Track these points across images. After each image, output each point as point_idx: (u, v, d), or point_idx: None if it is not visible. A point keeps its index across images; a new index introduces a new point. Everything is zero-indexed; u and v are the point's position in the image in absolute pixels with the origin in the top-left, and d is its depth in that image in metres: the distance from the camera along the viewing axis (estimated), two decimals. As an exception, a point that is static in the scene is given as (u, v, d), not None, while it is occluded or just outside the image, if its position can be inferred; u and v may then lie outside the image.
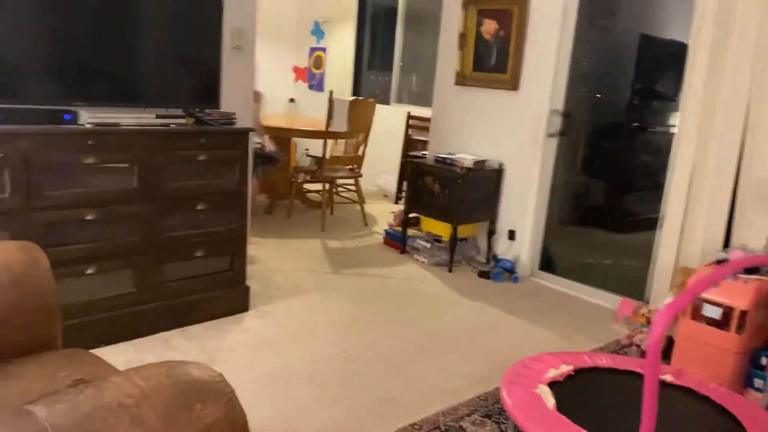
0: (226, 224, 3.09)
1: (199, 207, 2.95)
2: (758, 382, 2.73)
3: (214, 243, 3.05)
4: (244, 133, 3.10)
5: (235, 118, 3.11)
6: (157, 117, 2.86)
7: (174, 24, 2.95)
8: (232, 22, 3.29)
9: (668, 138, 3.73)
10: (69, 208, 2.55)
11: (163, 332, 2.94)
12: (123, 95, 2.85)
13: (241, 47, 3.44)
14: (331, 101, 5.02)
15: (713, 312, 2.82)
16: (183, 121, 2.96)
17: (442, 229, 4.39)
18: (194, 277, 3.03)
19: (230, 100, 3.24)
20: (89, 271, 2.65)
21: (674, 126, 3.68)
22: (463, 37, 4.54)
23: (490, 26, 4.38)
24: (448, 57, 4.69)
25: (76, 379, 1.47)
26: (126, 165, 2.70)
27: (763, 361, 2.73)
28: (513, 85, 4.25)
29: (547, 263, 4.34)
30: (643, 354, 3.15)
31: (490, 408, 2.53)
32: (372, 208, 5.84)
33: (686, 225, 3.45)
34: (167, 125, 2.85)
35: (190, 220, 2.94)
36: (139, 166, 2.72)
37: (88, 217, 2.61)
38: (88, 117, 2.62)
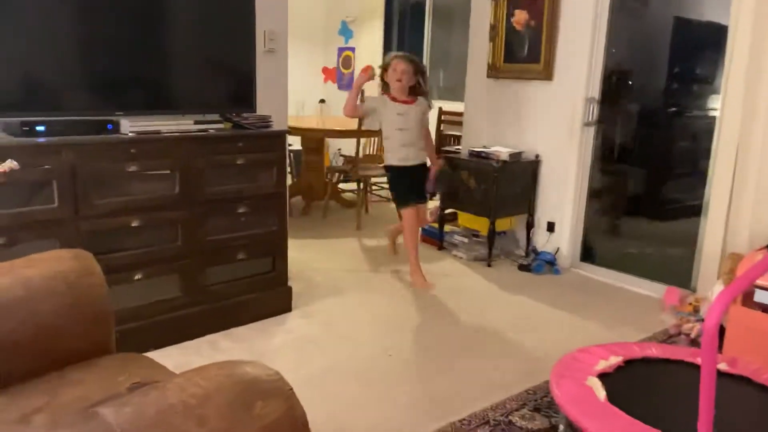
0: (266, 226, 3.11)
1: (240, 210, 2.99)
2: (816, 369, 2.65)
3: (255, 245, 3.08)
4: (281, 135, 3.12)
5: (271, 121, 3.14)
6: (195, 123, 2.90)
7: (208, 30, 2.98)
8: (265, 25, 3.31)
9: (708, 122, 3.64)
10: (115, 215, 2.61)
11: (210, 335, 2.98)
12: (161, 103, 2.90)
13: (274, 50, 3.47)
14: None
15: (766, 297, 2.74)
16: (220, 125, 2.99)
17: (479, 223, 4.36)
18: (238, 279, 3.07)
19: (265, 103, 3.26)
20: (137, 277, 2.70)
21: (714, 109, 3.59)
22: (493, 29, 4.50)
23: (520, 16, 4.33)
24: (479, 50, 4.66)
25: (134, 383, 1.51)
26: (168, 171, 2.75)
27: (821, 346, 2.65)
28: (547, 74, 4.20)
29: (588, 254, 4.28)
30: (692, 343, 3.09)
31: (539, 402, 2.51)
32: (407, 205, 5.82)
33: (732, 210, 3.37)
34: (205, 130, 2.88)
35: (231, 224, 2.97)
36: (180, 172, 2.76)
37: (134, 224, 2.66)
38: (129, 125, 2.66)
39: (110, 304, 1.76)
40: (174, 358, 2.72)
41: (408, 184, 3.77)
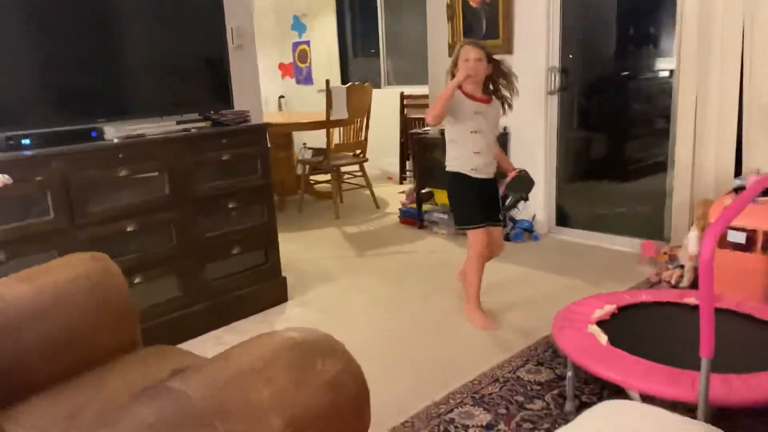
0: (256, 219, 3.16)
1: (230, 205, 3.02)
2: (790, 297, 2.84)
3: (248, 239, 3.13)
4: (262, 128, 3.16)
5: (249, 116, 3.17)
6: (177, 123, 2.92)
7: (179, 31, 2.99)
8: (232, 22, 3.34)
9: (667, 79, 3.81)
10: (110, 221, 2.62)
11: (213, 331, 3.02)
12: (141, 106, 2.91)
13: (242, 46, 3.50)
14: (328, 90, 5.07)
15: (738, 237, 2.92)
16: (202, 124, 3.02)
17: (456, 199, 4.46)
18: (234, 274, 3.11)
19: (240, 99, 3.29)
20: (137, 281, 2.72)
21: (672, 67, 3.76)
22: (450, 9, 4.59)
23: (476, -6, 4.43)
24: (438, 31, 4.75)
25: (175, 369, 1.55)
26: (156, 173, 2.76)
27: (793, 276, 2.83)
28: (507, 48, 4.32)
29: (563, 218, 4.44)
30: (674, 288, 3.26)
31: (541, 356, 2.63)
32: (379, 191, 5.90)
33: (696, 160, 3.54)
34: (188, 130, 2.91)
35: (223, 220, 3.01)
36: (168, 173, 2.79)
37: (129, 229, 2.68)
38: (114, 131, 2.68)
39: (132, 300, 1.80)
40: (182, 356, 2.75)
41: (477, 199, 3.01)
